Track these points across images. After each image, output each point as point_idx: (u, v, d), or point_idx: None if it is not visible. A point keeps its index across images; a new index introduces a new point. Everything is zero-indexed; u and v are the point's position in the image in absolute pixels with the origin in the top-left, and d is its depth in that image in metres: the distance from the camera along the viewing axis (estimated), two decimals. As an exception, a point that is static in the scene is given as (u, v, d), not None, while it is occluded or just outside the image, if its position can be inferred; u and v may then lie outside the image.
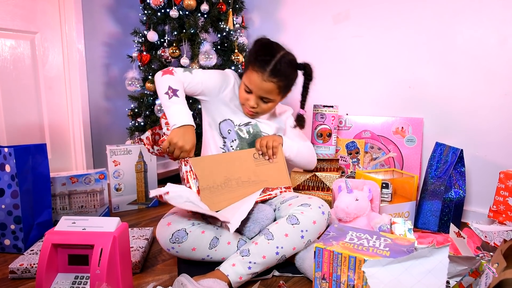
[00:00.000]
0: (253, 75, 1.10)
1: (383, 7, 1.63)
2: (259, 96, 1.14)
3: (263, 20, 2.12)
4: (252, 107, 1.15)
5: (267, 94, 1.13)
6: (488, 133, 1.41)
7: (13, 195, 1.12)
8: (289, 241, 0.96)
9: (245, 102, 1.17)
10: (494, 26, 1.35)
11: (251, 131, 1.22)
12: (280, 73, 1.10)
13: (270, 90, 1.12)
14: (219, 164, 1.10)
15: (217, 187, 1.08)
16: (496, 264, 0.74)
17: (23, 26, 1.72)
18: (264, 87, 1.10)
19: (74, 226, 0.81)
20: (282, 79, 1.11)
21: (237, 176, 1.11)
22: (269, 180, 1.15)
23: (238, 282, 0.90)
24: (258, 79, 1.09)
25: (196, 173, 1.06)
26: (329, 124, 1.46)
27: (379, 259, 0.73)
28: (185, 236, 0.95)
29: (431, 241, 1.13)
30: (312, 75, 1.23)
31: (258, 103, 1.15)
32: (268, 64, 1.09)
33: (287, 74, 1.13)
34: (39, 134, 1.83)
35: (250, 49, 1.18)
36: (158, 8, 1.72)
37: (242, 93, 1.17)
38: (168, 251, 0.97)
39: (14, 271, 0.98)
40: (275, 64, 1.09)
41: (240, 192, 1.11)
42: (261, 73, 1.09)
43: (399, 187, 1.46)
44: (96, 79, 1.96)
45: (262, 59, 1.10)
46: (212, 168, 1.09)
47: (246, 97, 1.15)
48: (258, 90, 1.11)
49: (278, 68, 1.09)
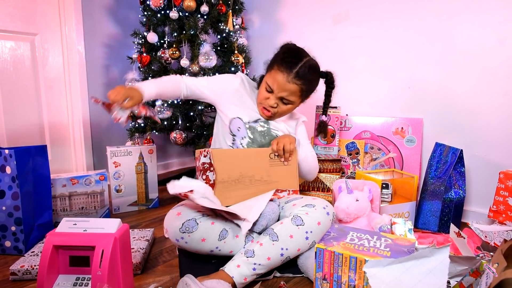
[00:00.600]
0: (278, 75, 1.11)
1: (383, 8, 1.63)
2: (279, 97, 1.14)
3: (262, 21, 2.13)
4: (272, 106, 1.15)
5: (289, 95, 1.13)
6: (487, 133, 1.41)
7: (13, 197, 1.12)
8: (294, 242, 0.96)
9: (264, 102, 1.16)
10: (493, 26, 1.36)
11: (261, 129, 1.21)
12: (305, 76, 1.11)
13: (293, 91, 1.12)
14: (237, 159, 1.09)
15: (231, 182, 1.08)
16: (496, 264, 0.75)
17: (23, 28, 1.72)
18: (287, 88, 1.11)
19: (75, 228, 0.81)
20: (306, 83, 1.12)
21: (251, 174, 1.10)
22: (280, 182, 1.14)
23: (242, 283, 0.90)
24: (283, 79, 1.10)
25: (215, 165, 1.06)
26: (333, 125, 1.46)
27: (380, 260, 0.74)
28: (195, 226, 0.94)
29: (432, 241, 1.13)
30: (334, 83, 1.26)
31: (278, 103, 1.15)
32: (295, 66, 1.10)
33: (311, 79, 1.15)
34: (39, 136, 1.83)
35: (277, 52, 1.19)
36: (158, 9, 1.73)
37: (263, 92, 1.16)
38: (176, 242, 0.96)
39: (15, 272, 0.98)
40: (301, 67, 1.10)
41: (252, 190, 1.11)
42: (286, 73, 1.10)
43: (399, 187, 1.46)
44: (96, 80, 1.96)
45: (290, 60, 1.11)
46: (231, 162, 1.08)
47: (266, 96, 1.15)
48: (280, 90, 1.12)
49: (304, 71, 1.11)
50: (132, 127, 1.85)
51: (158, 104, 1.73)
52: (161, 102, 1.73)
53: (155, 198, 1.66)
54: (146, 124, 1.83)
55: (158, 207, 1.65)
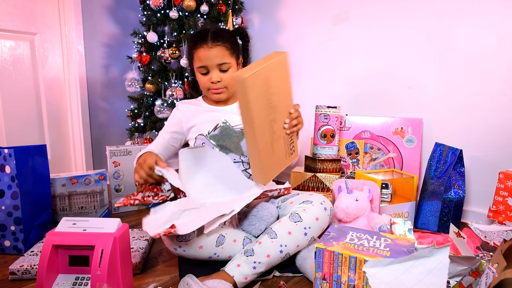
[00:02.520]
0: (200, 52, 1.11)
1: (382, 8, 1.63)
2: (216, 67, 1.12)
3: (262, 21, 2.13)
4: (217, 81, 1.13)
5: (221, 58, 1.11)
6: (487, 133, 1.41)
7: (13, 196, 1.12)
8: (293, 239, 0.96)
9: (209, 85, 1.14)
10: (492, 27, 1.36)
11: (223, 131, 1.18)
12: (220, 36, 1.12)
13: (221, 53, 1.11)
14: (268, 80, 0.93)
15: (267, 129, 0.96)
16: (496, 264, 0.75)
17: (22, 27, 1.72)
18: (213, 53, 1.10)
19: (75, 227, 0.81)
20: (225, 40, 1.12)
21: (273, 117, 0.98)
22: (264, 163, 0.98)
23: (243, 282, 0.90)
24: (206, 50, 1.10)
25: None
26: (332, 125, 1.46)
27: (380, 259, 0.74)
28: (192, 234, 0.94)
29: (431, 241, 1.13)
30: (248, 36, 1.26)
31: (219, 75, 1.13)
32: (206, 36, 1.11)
33: (227, 37, 1.14)
34: (38, 135, 1.83)
35: (187, 47, 1.19)
36: (157, 9, 1.73)
37: (202, 78, 1.15)
38: (174, 250, 0.96)
39: (14, 272, 0.98)
40: (211, 33, 1.11)
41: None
42: (204, 44, 1.10)
43: (399, 187, 1.46)
44: (95, 80, 1.96)
45: (199, 36, 1.12)
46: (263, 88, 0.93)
47: (206, 78, 1.14)
48: (211, 60, 1.11)
49: (216, 33, 1.12)
50: (132, 127, 1.85)
51: (158, 104, 1.73)
52: (160, 102, 1.73)
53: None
54: (146, 124, 1.83)
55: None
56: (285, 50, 2.14)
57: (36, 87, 1.80)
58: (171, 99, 1.72)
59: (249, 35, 1.26)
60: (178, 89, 1.72)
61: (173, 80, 1.76)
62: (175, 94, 1.71)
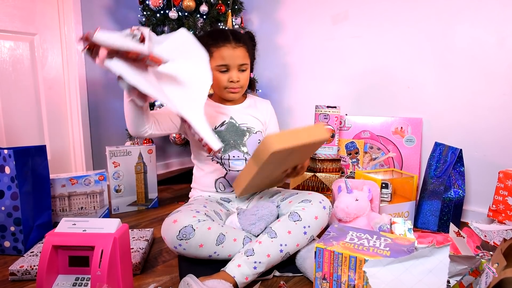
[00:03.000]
0: (223, 51, 1.12)
1: (382, 8, 1.63)
2: (236, 67, 1.14)
3: (262, 21, 2.13)
4: (237, 80, 1.14)
5: (242, 59, 1.14)
6: (487, 132, 1.41)
7: (12, 197, 1.12)
8: (292, 238, 0.96)
9: (226, 83, 1.15)
10: (493, 26, 1.36)
11: (229, 128, 1.19)
12: (241, 38, 1.15)
13: (243, 54, 1.14)
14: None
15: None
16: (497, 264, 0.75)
17: (22, 28, 1.72)
18: (237, 54, 1.13)
19: (75, 228, 0.81)
20: (245, 42, 1.16)
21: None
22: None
23: (244, 282, 0.90)
24: (229, 49, 1.12)
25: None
26: (332, 125, 1.46)
27: (380, 259, 0.74)
28: (192, 233, 0.94)
29: (431, 240, 1.13)
30: (255, 40, 1.27)
31: (238, 75, 1.15)
32: (227, 36, 1.13)
33: (245, 38, 1.18)
34: (38, 136, 1.83)
35: (203, 45, 1.08)
36: (157, 9, 1.72)
37: (220, 77, 1.14)
38: (175, 249, 0.96)
39: (14, 273, 0.98)
40: (232, 33, 1.14)
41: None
42: (228, 43, 1.12)
43: (399, 187, 1.46)
44: (95, 80, 1.96)
45: (220, 35, 1.14)
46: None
47: (226, 77, 1.14)
48: (234, 60, 1.12)
49: (237, 35, 1.15)
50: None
51: (158, 104, 1.73)
52: (160, 102, 1.73)
53: (154, 198, 1.66)
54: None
55: (157, 207, 1.65)
56: (284, 49, 2.14)
57: (36, 87, 1.80)
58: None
59: (255, 39, 1.28)
60: (178, 89, 1.72)
61: (173, 80, 1.76)
62: (175, 94, 1.71)
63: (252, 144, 1.20)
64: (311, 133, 0.94)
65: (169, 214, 1.03)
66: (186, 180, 2.05)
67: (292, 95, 2.02)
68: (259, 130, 1.23)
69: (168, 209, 1.62)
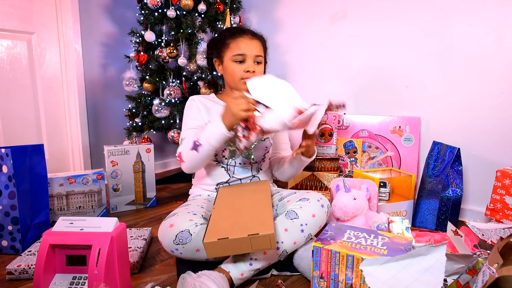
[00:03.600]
0: (240, 41, 1.13)
1: (380, 7, 1.63)
2: (252, 58, 1.14)
3: (260, 20, 2.12)
4: (253, 70, 1.13)
5: (259, 51, 1.16)
6: (485, 131, 1.41)
7: (10, 196, 1.12)
8: (289, 235, 0.96)
9: (242, 74, 1.13)
10: (491, 25, 1.36)
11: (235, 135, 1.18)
12: (257, 33, 1.19)
13: (260, 46, 1.17)
14: None
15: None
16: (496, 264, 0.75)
17: (19, 27, 1.71)
18: (254, 45, 1.14)
19: (72, 227, 0.81)
20: (261, 38, 1.19)
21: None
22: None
23: (239, 278, 0.90)
24: (247, 39, 1.14)
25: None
26: (330, 124, 1.46)
27: (377, 258, 0.74)
28: (189, 237, 0.94)
29: (429, 239, 1.13)
30: (267, 45, 1.26)
31: (254, 66, 1.14)
32: (244, 29, 1.17)
33: (260, 34, 1.20)
34: (36, 135, 1.83)
35: (219, 39, 1.19)
36: (155, 8, 1.72)
37: (236, 67, 1.13)
38: (172, 252, 0.97)
39: (11, 272, 0.98)
40: (248, 29, 1.19)
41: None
42: (245, 35, 1.15)
43: (397, 186, 1.46)
44: (93, 79, 1.96)
45: (236, 30, 1.18)
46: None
47: (241, 67, 1.13)
48: (251, 50, 1.13)
49: (253, 30, 1.18)
50: (130, 126, 1.85)
51: (156, 103, 1.73)
52: (158, 101, 1.73)
53: (152, 197, 1.65)
54: (144, 123, 1.83)
55: (155, 206, 1.65)
56: (283, 48, 2.13)
57: (34, 86, 1.79)
58: (169, 98, 1.71)
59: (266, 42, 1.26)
60: (176, 88, 1.72)
61: (171, 79, 1.76)
62: (173, 93, 1.71)
63: (260, 151, 1.19)
64: (254, 244, 0.87)
65: (166, 216, 1.03)
66: (185, 179, 2.05)
67: (291, 94, 2.01)
68: (267, 137, 1.21)
69: (166, 208, 1.62)
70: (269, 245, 0.85)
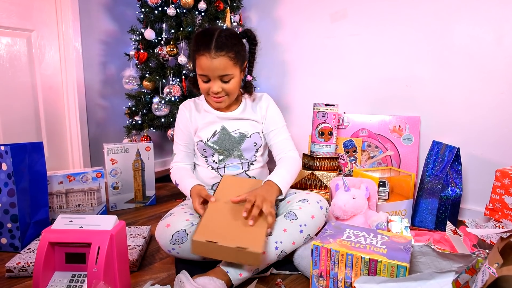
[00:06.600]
0: (202, 60, 1.05)
1: (380, 6, 1.63)
2: (218, 78, 1.07)
3: (260, 18, 2.12)
4: (217, 92, 1.08)
5: (223, 70, 1.06)
6: (484, 131, 1.41)
7: (9, 194, 1.12)
8: (288, 236, 0.96)
9: (208, 93, 1.11)
10: (490, 25, 1.36)
11: (222, 137, 1.17)
12: (225, 44, 1.05)
13: (224, 65, 1.05)
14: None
15: None
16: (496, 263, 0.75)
17: (19, 24, 1.71)
18: (216, 65, 1.04)
19: (71, 224, 0.81)
20: (229, 50, 1.05)
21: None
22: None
23: (238, 279, 0.90)
24: (208, 60, 1.04)
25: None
26: (330, 123, 1.46)
27: (373, 277, 0.72)
28: (185, 237, 0.95)
29: (428, 239, 1.13)
30: (256, 39, 1.19)
31: (221, 86, 1.09)
32: (210, 42, 1.04)
33: (232, 44, 1.07)
34: (35, 132, 1.82)
35: (192, 45, 1.12)
36: (155, 6, 1.72)
37: (202, 85, 1.10)
38: (169, 252, 0.97)
39: (11, 269, 0.98)
40: (216, 39, 1.05)
41: None
42: (207, 53, 1.04)
43: (396, 185, 1.46)
44: (93, 77, 1.95)
45: (203, 41, 1.06)
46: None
47: (207, 86, 1.09)
48: (213, 71, 1.05)
49: (220, 41, 1.05)
50: (129, 124, 1.84)
51: (156, 101, 1.73)
52: (158, 100, 1.73)
53: (152, 196, 1.65)
54: (144, 121, 1.82)
55: (155, 205, 1.65)
56: (283, 47, 2.13)
57: (33, 84, 1.79)
58: (168, 97, 1.71)
59: (257, 38, 1.19)
60: (176, 86, 1.72)
61: (171, 78, 1.76)
62: (173, 92, 1.70)
63: (248, 148, 1.18)
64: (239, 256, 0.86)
65: (163, 216, 1.04)
66: (184, 178, 2.05)
67: (290, 93, 2.01)
68: (254, 132, 1.19)
69: (165, 206, 1.62)
70: (256, 261, 0.85)
